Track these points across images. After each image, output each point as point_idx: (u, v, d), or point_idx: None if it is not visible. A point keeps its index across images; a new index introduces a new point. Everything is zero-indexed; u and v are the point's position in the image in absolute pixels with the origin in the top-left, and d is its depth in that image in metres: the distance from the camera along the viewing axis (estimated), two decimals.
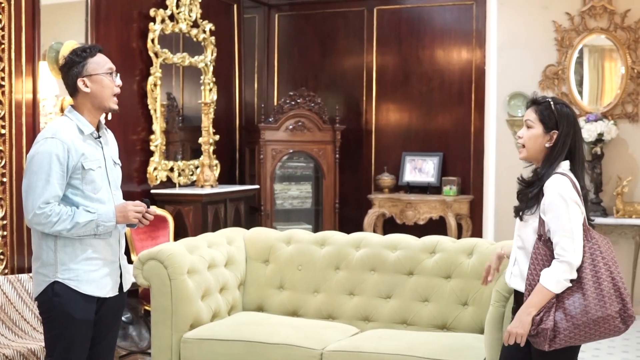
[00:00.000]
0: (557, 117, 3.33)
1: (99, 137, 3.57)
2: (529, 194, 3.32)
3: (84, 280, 3.46)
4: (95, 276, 3.49)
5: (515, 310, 3.42)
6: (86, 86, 3.48)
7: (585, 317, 3.16)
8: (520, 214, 3.36)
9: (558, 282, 3.18)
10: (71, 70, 3.49)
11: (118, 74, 3.58)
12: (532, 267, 3.26)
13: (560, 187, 3.23)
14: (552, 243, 3.23)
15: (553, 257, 3.22)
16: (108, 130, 3.70)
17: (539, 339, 3.21)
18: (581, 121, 7.24)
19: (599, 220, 7.18)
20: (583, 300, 3.17)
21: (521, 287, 3.35)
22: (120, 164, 3.73)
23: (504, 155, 7.71)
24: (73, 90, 3.52)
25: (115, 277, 3.61)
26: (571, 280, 3.20)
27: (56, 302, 3.44)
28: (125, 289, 3.69)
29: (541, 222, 3.26)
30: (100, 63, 3.52)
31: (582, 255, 3.22)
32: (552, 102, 3.37)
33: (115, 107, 3.58)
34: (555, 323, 3.18)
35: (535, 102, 3.41)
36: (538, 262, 3.25)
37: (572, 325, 3.17)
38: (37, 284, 3.49)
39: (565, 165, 3.32)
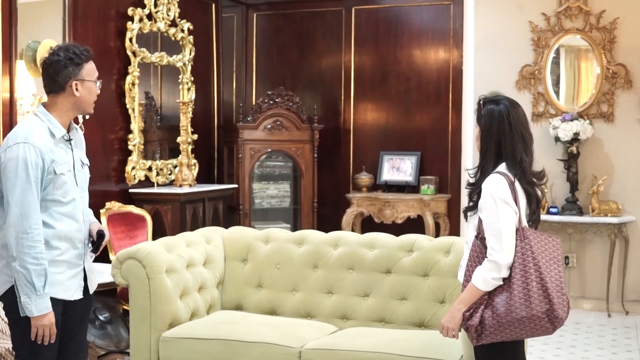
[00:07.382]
0: (482, 115, 3.34)
1: (70, 139, 3.48)
2: (472, 196, 3.35)
3: (48, 283, 3.31)
4: (60, 278, 3.40)
5: None
6: (77, 90, 3.40)
7: (509, 316, 3.18)
8: (465, 212, 3.39)
9: (485, 281, 3.21)
10: (66, 69, 3.39)
11: (100, 81, 3.55)
12: (470, 264, 3.30)
13: (492, 187, 3.23)
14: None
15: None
16: (78, 130, 3.61)
17: (469, 334, 3.28)
18: (557, 120, 7.32)
19: (575, 219, 7.26)
20: (509, 299, 3.18)
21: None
22: (89, 164, 3.64)
23: None
24: (59, 89, 3.41)
25: (79, 280, 3.52)
26: (504, 279, 3.22)
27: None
28: (91, 291, 3.61)
29: (479, 220, 3.29)
30: (92, 70, 3.48)
31: (515, 254, 3.22)
32: (481, 101, 3.37)
33: (92, 111, 3.55)
34: (481, 320, 3.22)
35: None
36: (474, 260, 3.29)
37: (496, 323, 3.20)
38: (2, 284, 3.37)
39: (502, 165, 3.31)
